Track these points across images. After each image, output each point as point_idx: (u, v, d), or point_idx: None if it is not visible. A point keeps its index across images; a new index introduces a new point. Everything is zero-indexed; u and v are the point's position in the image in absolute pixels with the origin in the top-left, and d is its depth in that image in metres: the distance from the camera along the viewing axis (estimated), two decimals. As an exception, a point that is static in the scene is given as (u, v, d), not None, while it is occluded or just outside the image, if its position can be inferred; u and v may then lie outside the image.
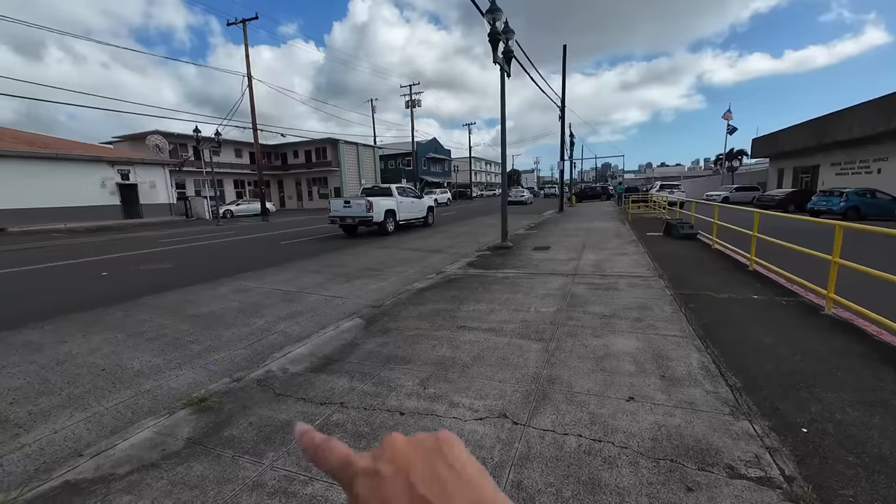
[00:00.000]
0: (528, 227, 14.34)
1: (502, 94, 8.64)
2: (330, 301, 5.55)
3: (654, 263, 6.66)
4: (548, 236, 11.08)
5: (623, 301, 4.59)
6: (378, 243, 11.38)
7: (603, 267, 6.57)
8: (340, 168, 40.19)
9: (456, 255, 9.10)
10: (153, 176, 24.38)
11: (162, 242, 13.69)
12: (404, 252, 9.73)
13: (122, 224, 21.46)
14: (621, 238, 10.02)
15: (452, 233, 13.76)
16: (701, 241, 8.96)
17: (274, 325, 4.63)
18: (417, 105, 41.83)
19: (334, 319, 4.69)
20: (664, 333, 3.57)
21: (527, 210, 26.88)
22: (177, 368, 3.53)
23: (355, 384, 2.90)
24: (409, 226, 15.24)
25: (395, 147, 50.54)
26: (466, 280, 6.08)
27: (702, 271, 6.08)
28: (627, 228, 12.20)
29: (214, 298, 5.75)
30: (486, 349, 3.41)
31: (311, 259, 9.01)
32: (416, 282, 6.25)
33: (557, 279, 5.85)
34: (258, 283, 6.63)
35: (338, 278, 6.95)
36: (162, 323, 4.71)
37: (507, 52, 8.82)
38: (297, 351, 3.58)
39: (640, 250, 8.06)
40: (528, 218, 19.26)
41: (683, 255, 7.43)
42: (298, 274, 7.36)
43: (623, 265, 6.64)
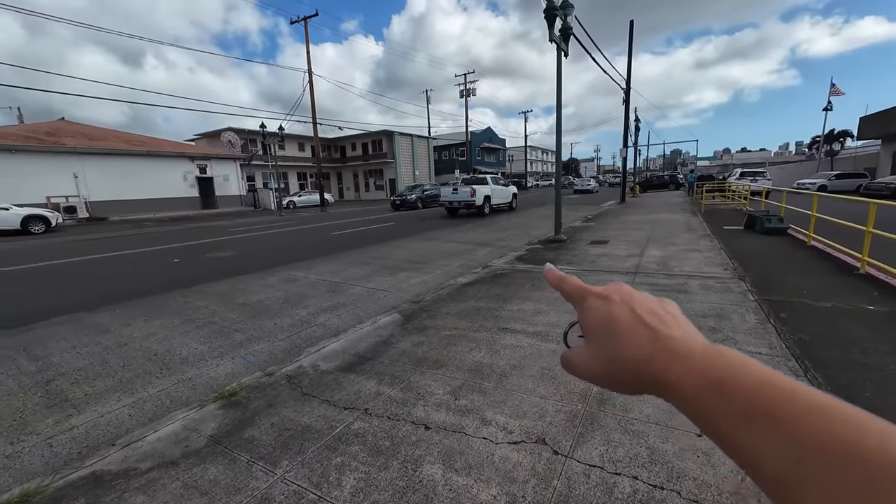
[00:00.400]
0: (585, 218, 13.45)
1: (558, 76, 8.00)
2: (372, 294, 5.48)
3: (733, 262, 5.79)
4: (606, 229, 10.25)
5: (694, 306, 3.97)
6: (424, 236, 11.27)
7: (670, 265, 5.84)
8: (395, 160, 40.91)
9: (504, 248, 8.69)
10: (226, 169, 26.43)
11: (231, 231, 14.73)
12: (450, 245, 9.51)
13: (199, 214, 23.54)
14: (692, 232, 8.96)
15: (502, 225, 13.30)
16: (792, 236, 7.72)
17: (315, 316, 4.62)
18: (472, 94, 41.23)
19: (373, 314, 4.58)
20: (747, 349, 2.97)
21: (585, 200, 25.45)
22: (218, 357, 3.60)
23: (383, 388, 2.71)
24: (465, 213, 15.07)
25: (448, 138, 50.42)
26: (513, 276, 5.70)
27: (794, 273, 5.15)
28: (700, 221, 10.94)
29: (264, 288, 5.93)
30: (529, 357, 3.06)
31: (359, 250, 9.10)
32: (459, 276, 5.99)
33: (615, 278, 5.27)
34: (306, 273, 6.76)
35: (382, 271, 6.89)
36: (214, 310, 4.91)
37: (564, 30, 8.13)
38: (331, 346, 3.48)
39: (716, 246, 7.10)
40: (586, 209, 18.15)
41: (770, 253, 6.41)
42: (345, 265, 7.42)
43: (694, 263, 5.85)
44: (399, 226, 14.27)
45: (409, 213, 20.08)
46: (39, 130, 21.32)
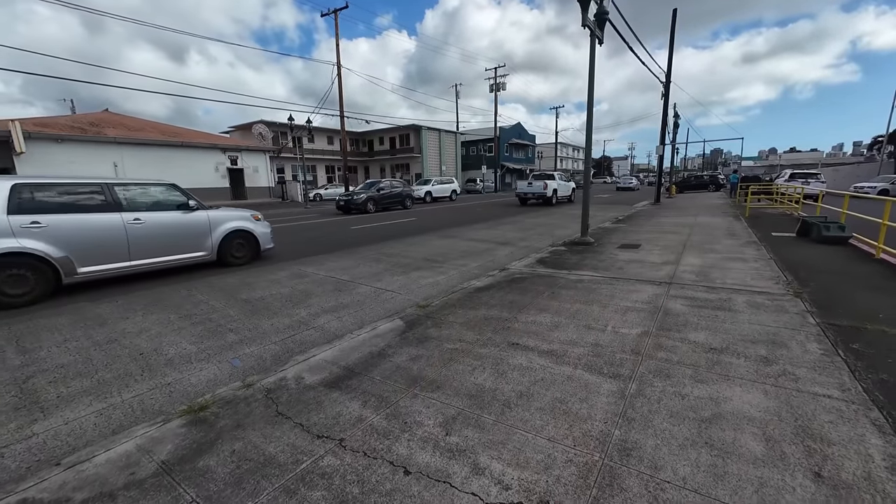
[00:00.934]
0: (616, 219, 12.67)
1: (591, 64, 7.37)
2: (379, 295, 5.15)
3: (786, 275, 5.08)
4: (638, 232, 9.52)
5: (741, 328, 3.39)
6: (444, 233, 10.88)
7: (710, 275, 5.19)
8: (422, 154, 40.67)
9: (526, 249, 8.19)
10: (256, 161, 26.96)
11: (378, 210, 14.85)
12: (469, 244, 9.08)
13: (229, 204, 24.09)
14: (736, 238, 8.14)
15: (527, 224, 12.72)
16: (855, 247, 6.81)
17: (315, 318, 4.34)
18: (502, 88, 40.32)
19: (375, 318, 4.25)
20: (811, 390, 2.42)
21: (616, 200, 24.31)
22: (205, 360, 3.35)
23: (366, 413, 2.36)
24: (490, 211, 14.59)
25: (477, 133, 49.67)
26: (532, 281, 5.23)
27: (863, 291, 4.41)
28: (744, 226, 10.00)
29: (270, 283, 5.73)
30: (540, 382, 2.63)
31: (375, 245, 8.82)
32: (475, 279, 5.57)
33: (647, 288, 4.70)
34: (316, 269, 6.53)
35: (394, 269, 6.57)
36: (214, 306, 4.72)
37: (599, 14, 7.48)
38: (321, 355, 3.17)
39: (764, 255, 6.34)
40: (617, 209, 17.23)
41: (830, 266, 5.62)
42: (357, 262, 7.15)
43: (739, 274, 5.18)
44: (420, 221, 13.95)
45: (424, 209, 19.72)
46: (84, 121, 22.36)
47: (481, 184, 40.88)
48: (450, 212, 17.85)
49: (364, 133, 44.42)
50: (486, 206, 21.27)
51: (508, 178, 52.47)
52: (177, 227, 6.17)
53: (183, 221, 6.25)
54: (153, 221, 5.88)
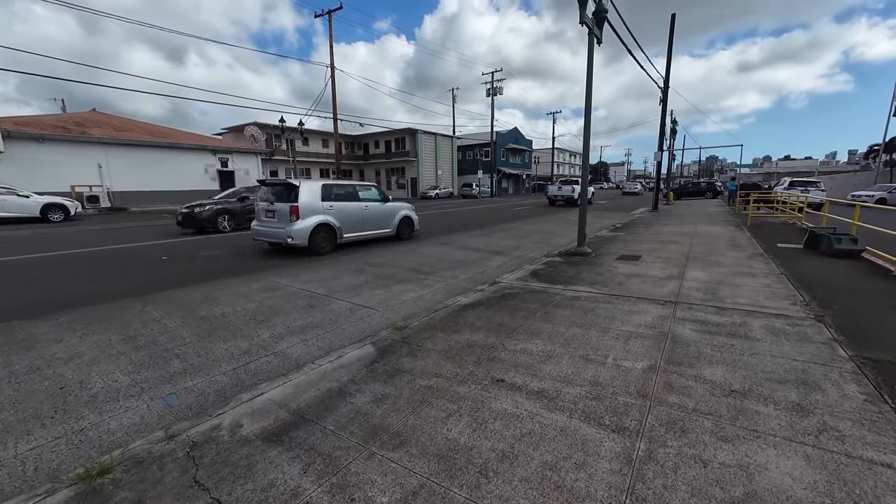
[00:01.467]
0: (614, 227, 12.25)
1: (589, 64, 6.95)
2: (355, 312, 4.66)
3: (802, 294, 4.63)
4: (638, 241, 9.09)
5: (763, 363, 2.92)
6: (437, 240, 10.40)
7: (719, 293, 4.74)
8: (418, 158, 40.31)
9: (520, 259, 7.72)
10: (248, 164, 26.42)
11: (238, 227, 14.33)
12: (462, 252, 8.60)
13: (218, 207, 23.49)
14: (740, 249, 7.71)
15: (522, 231, 12.27)
16: (868, 261, 6.40)
17: (278, 340, 3.83)
18: (499, 93, 40.10)
19: (346, 341, 3.76)
20: (865, 455, 1.95)
21: (614, 206, 23.97)
22: (135, 397, 2.84)
23: (305, 483, 1.86)
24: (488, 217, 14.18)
25: (473, 137, 49.40)
26: (523, 298, 4.76)
27: (893, 314, 3.97)
28: (747, 236, 9.60)
29: (237, 297, 5.21)
30: (527, 437, 2.14)
31: (359, 254, 8.32)
32: (462, 294, 5.09)
33: (650, 308, 4.24)
34: (290, 281, 6.02)
35: (377, 281, 6.07)
36: (166, 325, 4.20)
37: (598, 13, 7.08)
38: (270, 394, 2.67)
39: (774, 270, 5.91)
40: (615, 216, 16.84)
41: (848, 284, 5.19)
42: (338, 272, 6.65)
43: (750, 292, 4.73)
44: (423, 229, 13.46)
45: (424, 214, 19.26)
46: (69, 120, 21.77)
47: (477, 188, 40.53)
48: (445, 217, 17.38)
49: (359, 136, 44.03)
50: (482, 211, 20.84)
51: (505, 183, 52.20)
52: (381, 211, 9.62)
53: (383, 208, 9.71)
54: (372, 207, 9.35)
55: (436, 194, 38.21)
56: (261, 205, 8.44)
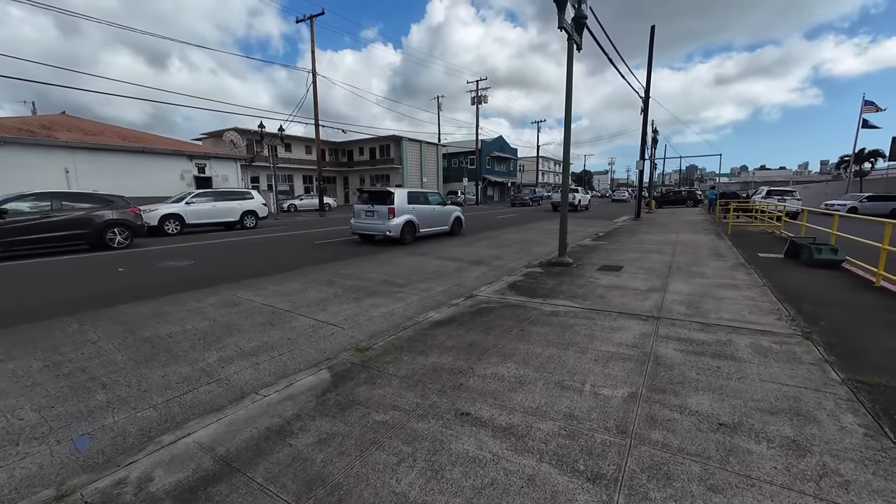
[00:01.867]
0: (596, 236, 12.13)
1: (569, 69, 6.80)
2: (318, 330, 4.29)
3: (787, 308, 4.46)
4: (620, 251, 8.94)
5: (752, 389, 2.68)
6: (415, 250, 10.08)
7: (703, 307, 4.54)
8: (402, 165, 40.04)
9: (500, 269, 7.46)
10: (226, 170, 25.69)
11: (210, 235, 13.77)
12: (440, 262, 8.29)
13: (194, 214, 22.71)
14: (722, 259, 7.61)
15: (505, 240, 12.05)
16: (849, 272, 6.33)
17: (225, 365, 3.45)
18: (484, 101, 40.27)
19: (301, 366, 3.40)
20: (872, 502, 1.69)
21: (597, 214, 24.02)
22: (40, 440, 2.43)
23: (211, 561, 1.50)
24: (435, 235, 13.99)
25: (459, 145, 49.43)
26: (499, 313, 4.47)
27: (881, 331, 3.80)
28: (728, 245, 9.55)
29: (191, 314, 4.79)
30: (488, 490, 1.82)
31: (336, 264, 7.94)
32: (435, 309, 4.77)
33: (632, 325, 3.99)
34: (253, 295, 5.62)
35: (348, 294, 5.72)
36: (101, 348, 3.77)
37: (577, 19, 6.95)
38: (198, 434, 2.30)
39: (757, 281, 5.77)
40: (597, 224, 16.81)
41: (831, 296, 5.06)
42: (307, 285, 6.26)
43: (734, 306, 4.54)
44: (392, 236, 13.13)
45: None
46: (36, 123, 20.82)
47: (462, 196, 40.44)
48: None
49: (343, 143, 43.57)
50: (466, 219, 20.60)
51: (490, 191, 52.32)
52: (442, 213, 12.28)
53: (444, 210, 12.43)
54: (437, 209, 12.00)
55: (421, 202, 37.99)
56: (360, 207, 11.08)
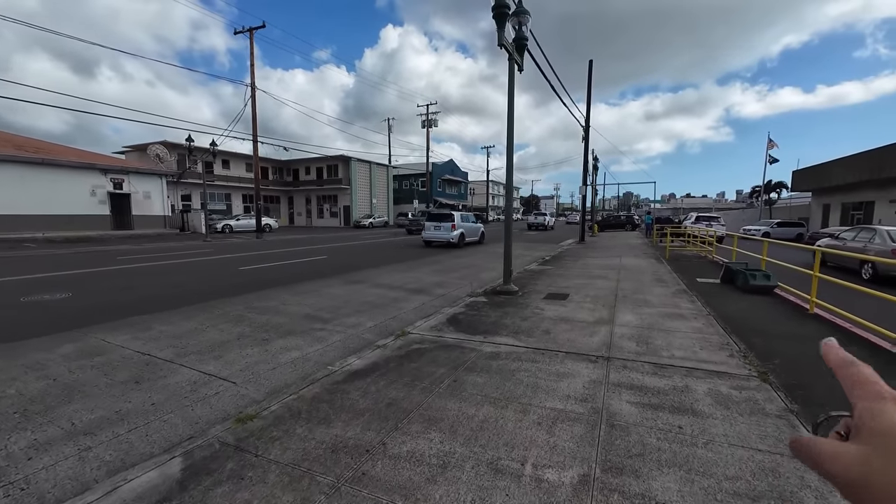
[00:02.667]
0: (543, 260, 11.97)
1: (510, 90, 6.52)
2: (199, 388, 3.35)
3: (736, 342, 4.21)
4: (566, 276, 8.69)
5: (723, 460, 2.19)
6: (350, 277, 9.21)
7: (653, 342, 4.17)
8: (351, 186, 38.93)
9: (442, 299, 6.83)
10: (149, 186, 23.23)
11: (119, 260, 11.94)
12: (377, 291, 7.51)
13: (106, 235, 20.10)
14: (665, 285, 7.55)
15: (450, 264, 11.51)
16: (783, 298, 6.43)
17: (35, 454, 2.43)
18: (434, 125, 40.61)
19: (153, 449, 2.48)
20: None
21: (543, 238, 24.44)
22: None
23: None
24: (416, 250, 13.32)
25: (410, 167, 49.28)
26: (432, 357, 3.79)
27: (826, 365, 3.60)
28: (668, 270, 9.69)
29: (26, 370, 3.63)
30: None
31: (253, 294, 6.89)
32: (358, 352, 4.00)
33: (581, 369, 3.48)
34: (130, 338, 4.50)
35: (257, 333, 4.77)
36: None
37: (518, 40, 6.75)
38: None
39: (700, 310, 5.60)
40: (544, 248, 16.88)
41: (774, 327, 4.94)
42: (207, 322, 5.21)
43: (684, 341, 4.22)
44: (332, 259, 12.12)
45: (337, 246, 17.89)
46: None
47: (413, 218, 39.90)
48: (371, 249, 16.19)
49: (289, 161, 41.74)
50: (413, 243, 19.97)
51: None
52: (475, 227, 17.77)
53: (476, 226, 17.88)
54: (473, 226, 17.53)
55: (370, 223, 36.84)
56: (429, 223, 16.29)
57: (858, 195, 27.29)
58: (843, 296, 5.56)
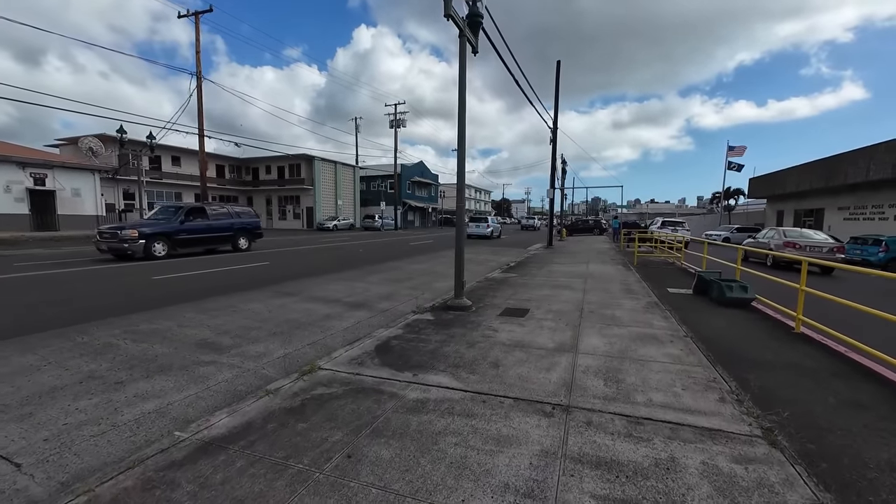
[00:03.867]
0: (507, 266, 11.15)
1: (461, 71, 5.59)
2: (-51, 479, 2.15)
3: (724, 377, 3.41)
4: (529, 286, 7.85)
5: None
6: (283, 288, 8.00)
7: (625, 379, 3.30)
8: (315, 187, 37.14)
9: (383, 316, 5.79)
10: (79, 182, 20.87)
11: (18, 266, 10.16)
12: (307, 306, 6.37)
13: (22, 238, 17.73)
14: (635, 296, 6.83)
15: (406, 271, 10.47)
16: (762, 312, 5.80)
17: None
18: (402, 125, 39.51)
19: None
20: None
21: (513, 242, 23.79)
22: None
23: None
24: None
25: (378, 168, 47.87)
26: (332, 411, 2.75)
27: (845, 412, 2.83)
28: (637, 278, 9.06)
29: None
30: None
31: (141, 314, 5.60)
32: (239, 401, 2.91)
33: (530, 429, 2.54)
34: (-90, 389, 3.19)
35: (112, 373, 3.57)
36: None
37: (472, 17, 5.85)
38: None
39: (677, 329, 4.84)
40: (511, 253, 16.14)
41: (765, 353, 4.22)
42: (52, 356, 3.94)
43: (663, 375, 3.38)
44: (274, 265, 10.80)
45: (282, 251, 16.50)
46: None
47: (380, 220, 38.57)
48: (323, 253, 14.90)
49: (248, 160, 39.44)
50: (375, 245, 18.77)
51: (411, 216, 51.25)
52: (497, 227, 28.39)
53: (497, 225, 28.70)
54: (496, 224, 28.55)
55: (334, 226, 35.20)
56: (472, 223, 25.63)
57: (810, 202, 28.39)
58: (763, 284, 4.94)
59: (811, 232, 12.83)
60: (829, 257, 10.94)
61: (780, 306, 5.31)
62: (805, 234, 12.25)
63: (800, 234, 12.22)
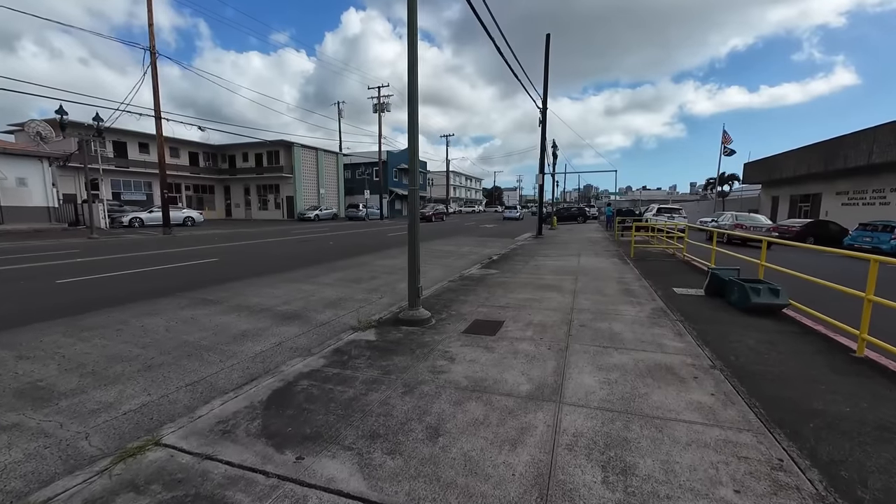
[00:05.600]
0: (490, 259, 9.86)
1: (410, 15, 4.19)
2: None
3: (796, 456, 2.16)
4: (509, 285, 6.57)
5: None
6: (213, 292, 6.60)
7: (635, 465, 2.04)
8: (295, 175, 35.30)
9: (314, 333, 4.48)
10: (25, 171, 19.04)
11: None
12: (227, 318, 5.01)
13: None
14: (637, 301, 5.58)
15: (371, 268, 9.11)
16: (797, 322, 4.58)
17: None
18: (386, 109, 37.67)
19: None
20: None
21: (501, 232, 22.45)
22: None
23: None
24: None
25: (364, 156, 45.97)
26: None
27: None
28: (636, 275, 7.82)
29: None
30: None
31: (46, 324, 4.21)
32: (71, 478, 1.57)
33: None
34: None
35: None
36: None
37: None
38: None
39: (698, 354, 3.59)
40: (497, 244, 14.84)
41: (832, 399, 2.99)
42: None
43: (695, 458, 2.13)
44: (223, 262, 9.39)
45: (238, 245, 15.06)
46: None
47: (364, 210, 36.92)
48: (287, 246, 13.47)
49: (224, 147, 37.39)
50: (349, 237, 17.34)
51: (398, 205, 49.63)
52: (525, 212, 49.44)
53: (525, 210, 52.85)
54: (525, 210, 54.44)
55: (316, 216, 33.54)
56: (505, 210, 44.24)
57: (806, 187, 27.40)
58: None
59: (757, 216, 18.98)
60: (768, 235, 12.52)
61: (824, 316, 4.07)
62: (752, 217, 17.99)
63: (747, 217, 18.10)
